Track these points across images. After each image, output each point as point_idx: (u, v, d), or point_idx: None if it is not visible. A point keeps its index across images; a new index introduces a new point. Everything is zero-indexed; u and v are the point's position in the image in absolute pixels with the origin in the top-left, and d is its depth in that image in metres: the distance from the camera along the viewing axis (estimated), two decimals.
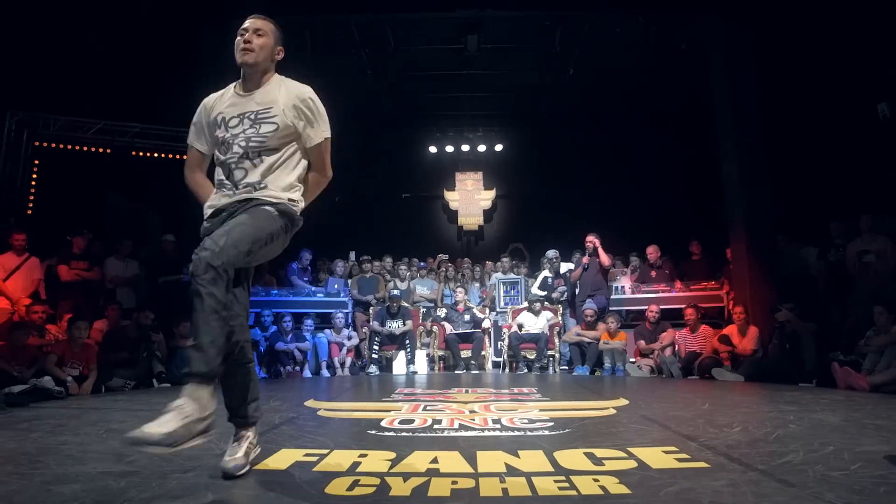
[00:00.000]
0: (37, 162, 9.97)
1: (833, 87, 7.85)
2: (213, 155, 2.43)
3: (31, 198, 9.87)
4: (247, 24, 2.40)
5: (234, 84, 2.44)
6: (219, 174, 2.36)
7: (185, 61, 8.51)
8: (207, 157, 2.47)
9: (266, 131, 2.29)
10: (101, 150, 10.37)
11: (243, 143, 2.28)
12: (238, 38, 2.37)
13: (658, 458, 2.34)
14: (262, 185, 2.27)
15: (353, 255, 10.16)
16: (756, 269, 7.59)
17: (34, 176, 9.93)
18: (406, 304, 8.64)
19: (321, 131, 2.43)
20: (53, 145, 10.14)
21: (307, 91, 2.41)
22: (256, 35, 2.38)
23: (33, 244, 7.13)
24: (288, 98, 2.34)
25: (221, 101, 2.42)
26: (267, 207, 2.23)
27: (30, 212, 9.74)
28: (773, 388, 5.46)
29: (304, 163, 2.44)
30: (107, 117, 10.15)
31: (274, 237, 2.24)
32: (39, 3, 7.73)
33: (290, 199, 2.33)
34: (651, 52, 9.29)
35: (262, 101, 2.34)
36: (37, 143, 9.99)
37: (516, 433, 3.02)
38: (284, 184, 2.33)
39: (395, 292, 8.58)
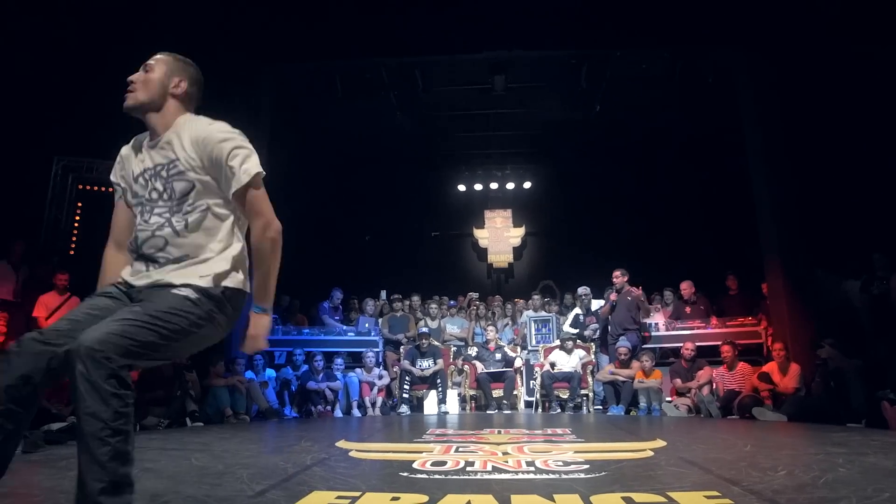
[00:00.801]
0: (80, 204, 10.34)
1: (868, 113, 7.71)
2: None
3: (74, 239, 10.21)
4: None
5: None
6: (130, 245, 1.96)
7: (220, 107, 8.81)
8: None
9: (181, 190, 1.87)
10: None
11: (160, 213, 1.89)
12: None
13: (699, 503, 2.25)
14: (183, 261, 1.86)
15: (384, 294, 10.19)
16: (795, 303, 7.40)
17: (77, 218, 10.29)
18: (436, 343, 8.60)
19: (242, 171, 1.85)
20: (96, 188, 10.52)
21: (213, 129, 1.91)
22: (143, 70, 1.98)
23: (74, 284, 7.34)
24: (191, 144, 1.88)
25: (132, 153, 2.03)
26: (182, 291, 1.79)
27: (72, 252, 10.06)
28: (819, 429, 5.23)
29: (230, 220, 1.94)
30: None
31: (194, 328, 1.79)
32: (82, 53, 8.14)
33: (215, 277, 1.85)
34: (678, 86, 9.32)
35: (166, 152, 1.91)
36: (80, 187, 10.38)
37: (551, 476, 2.94)
38: (212, 256, 1.88)
39: (425, 329, 8.55)
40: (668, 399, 7.61)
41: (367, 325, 9.09)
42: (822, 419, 5.81)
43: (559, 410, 7.88)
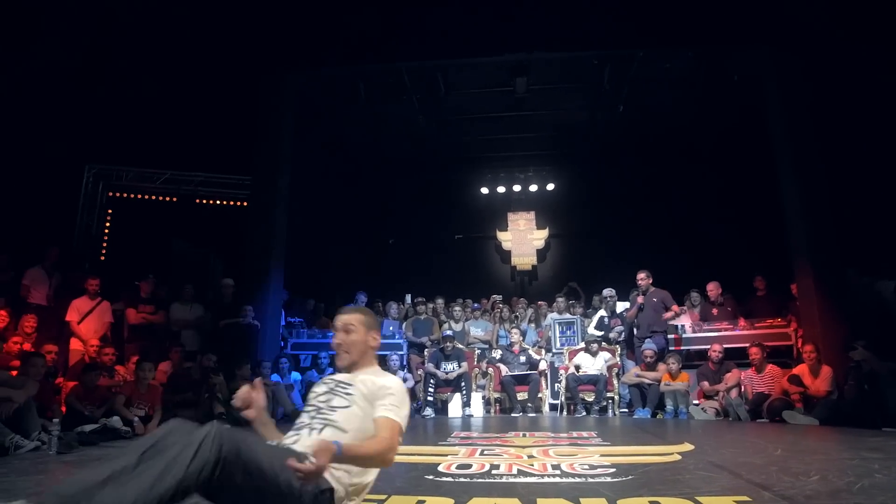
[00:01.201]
0: (110, 211, 10.59)
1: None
2: None
3: (104, 245, 10.46)
4: (336, 321, 2.41)
5: None
6: None
7: (244, 113, 8.96)
8: None
9: (337, 405, 2.20)
10: (167, 198, 10.95)
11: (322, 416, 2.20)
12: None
13: None
14: None
15: (408, 298, 10.20)
16: (825, 304, 7.24)
17: (107, 224, 10.54)
18: (461, 346, 8.59)
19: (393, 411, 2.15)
20: (125, 195, 10.78)
21: (391, 382, 2.27)
22: (345, 332, 2.37)
23: (104, 288, 7.51)
24: (370, 391, 2.21)
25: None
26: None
27: (103, 258, 10.30)
28: (853, 433, 5.11)
29: None
30: (173, 167, 10.73)
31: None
32: (111, 65, 8.34)
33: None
34: (702, 85, 9.20)
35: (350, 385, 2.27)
36: (111, 194, 10.64)
37: (577, 479, 2.92)
38: None
39: (449, 332, 8.56)
40: (696, 402, 7.50)
41: (391, 328, 9.12)
42: (855, 423, 5.66)
43: (584, 413, 7.82)
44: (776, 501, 2.32)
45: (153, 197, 10.88)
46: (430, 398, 8.05)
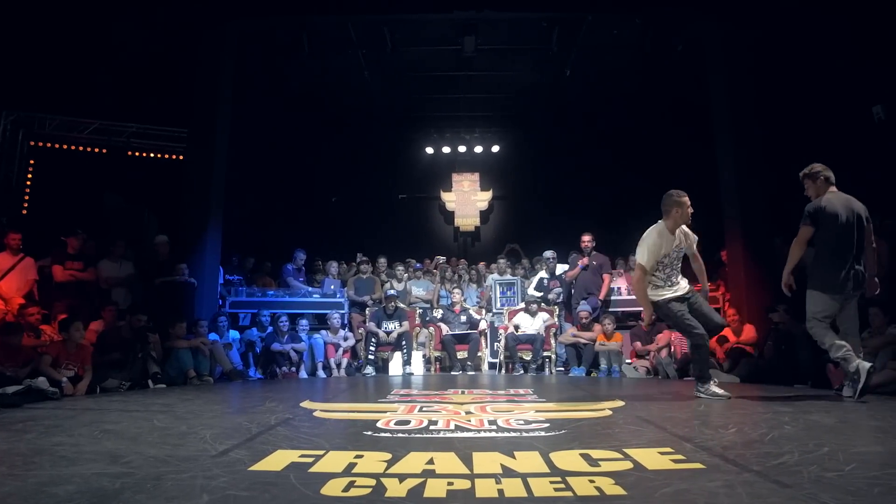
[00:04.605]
0: (32, 162, 9.95)
1: (829, 89, 7.86)
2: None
3: (26, 198, 9.85)
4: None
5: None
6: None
7: (182, 62, 8.50)
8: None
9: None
10: (96, 150, 10.37)
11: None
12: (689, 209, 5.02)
13: (654, 459, 2.34)
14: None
15: (359, 256, 10.03)
16: (752, 270, 7.61)
17: (29, 176, 9.91)
18: (402, 306, 8.62)
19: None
20: (49, 145, 10.13)
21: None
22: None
23: (28, 244, 7.09)
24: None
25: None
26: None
27: (24, 212, 9.71)
28: (769, 390, 5.46)
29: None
30: (103, 117, 10.14)
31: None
32: (35, 2, 7.70)
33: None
34: (648, 53, 9.33)
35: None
36: (32, 143, 9.98)
37: (512, 434, 3.01)
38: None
39: (392, 292, 8.57)
40: (628, 361, 7.83)
41: (332, 286, 9.05)
42: (772, 380, 6.07)
43: (522, 372, 8.03)
44: (696, 452, 2.46)
45: (81, 148, 10.26)
46: (371, 357, 8.07)
